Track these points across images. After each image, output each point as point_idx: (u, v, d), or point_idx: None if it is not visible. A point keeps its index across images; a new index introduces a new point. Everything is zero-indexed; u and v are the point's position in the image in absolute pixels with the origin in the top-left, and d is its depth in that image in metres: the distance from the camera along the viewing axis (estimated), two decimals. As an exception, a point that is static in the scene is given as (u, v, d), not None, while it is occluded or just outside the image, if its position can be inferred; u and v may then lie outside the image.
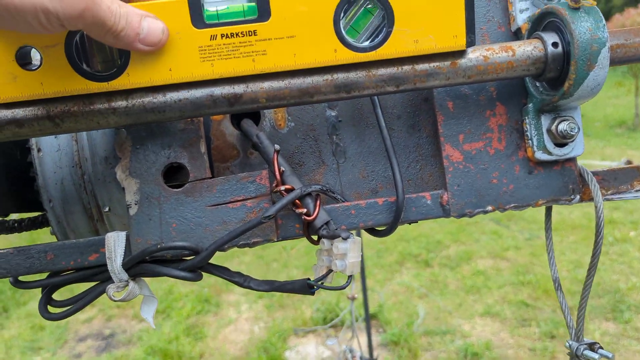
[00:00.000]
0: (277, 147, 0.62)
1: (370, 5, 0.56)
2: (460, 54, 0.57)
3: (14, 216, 0.74)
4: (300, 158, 0.69)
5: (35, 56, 0.53)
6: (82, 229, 0.71)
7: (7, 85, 0.52)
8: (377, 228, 0.66)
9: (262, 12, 0.54)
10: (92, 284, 0.64)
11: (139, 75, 0.53)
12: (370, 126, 0.69)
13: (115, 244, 0.61)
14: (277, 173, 0.62)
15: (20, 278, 0.63)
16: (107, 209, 0.70)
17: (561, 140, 0.62)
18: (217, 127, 0.68)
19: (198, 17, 0.53)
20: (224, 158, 0.69)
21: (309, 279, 0.63)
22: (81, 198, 0.69)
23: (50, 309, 0.64)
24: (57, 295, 0.66)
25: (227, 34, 0.53)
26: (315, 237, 0.64)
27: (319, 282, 0.62)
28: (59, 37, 0.51)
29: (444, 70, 0.57)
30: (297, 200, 0.61)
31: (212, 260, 0.62)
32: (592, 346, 0.69)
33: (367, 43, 0.56)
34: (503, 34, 0.65)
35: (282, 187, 0.61)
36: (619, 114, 9.99)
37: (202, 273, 0.63)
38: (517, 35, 0.65)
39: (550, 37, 0.58)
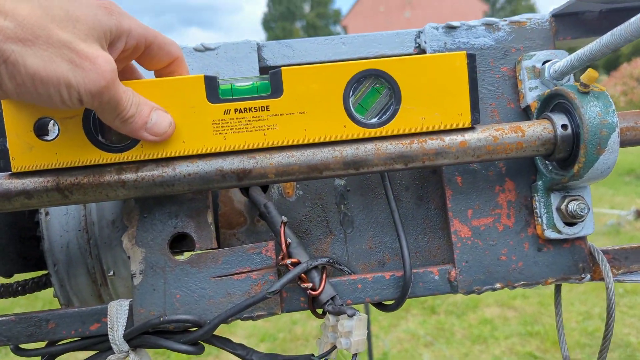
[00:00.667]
0: (284, 218, 0.62)
1: (377, 85, 0.57)
2: (469, 133, 0.58)
3: (17, 277, 0.74)
4: (308, 226, 0.69)
5: (52, 128, 0.54)
6: (85, 292, 0.70)
7: (23, 155, 0.53)
8: (384, 303, 0.65)
9: (275, 88, 0.55)
10: (91, 353, 0.63)
11: (152, 147, 0.54)
12: (378, 196, 0.69)
13: (117, 314, 0.60)
14: (283, 245, 0.61)
15: (21, 345, 0.62)
16: (111, 273, 0.69)
17: (571, 220, 0.61)
18: (225, 194, 0.68)
19: (213, 92, 0.54)
20: (231, 225, 0.68)
21: (312, 355, 0.61)
22: (86, 262, 0.68)
23: (49, 377, 0.63)
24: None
25: (240, 109, 0.55)
26: (319, 311, 0.63)
27: (323, 359, 0.61)
28: (78, 110, 0.52)
29: (452, 149, 0.57)
30: (302, 274, 0.61)
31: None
32: None
33: (375, 120, 0.57)
34: (512, 110, 0.66)
35: (288, 261, 0.61)
36: (628, 162, 9.98)
37: (204, 345, 0.62)
38: (526, 112, 0.65)
39: (560, 119, 0.58)
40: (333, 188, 0.69)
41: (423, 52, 0.67)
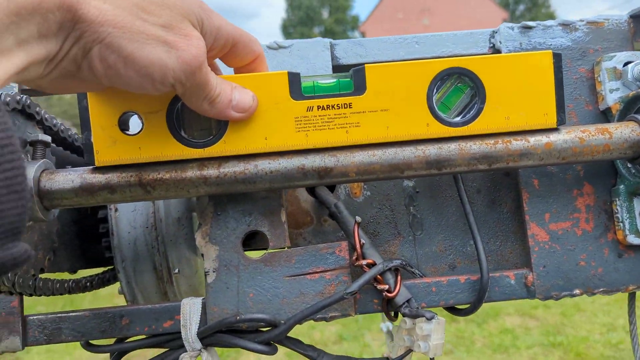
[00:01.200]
0: (358, 219, 0.61)
1: (460, 84, 0.56)
2: (554, 134, 0.56)
3: (81, 273, 0.74)
4: (375, 228, 0.68)
5: (133, 123, 0.54)
6: (150, 290, 0.70)
7: (107, 149, 0.52)
8: (458, 307, 0.64)
9: (358, 86, 0.54)
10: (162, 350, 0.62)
11: (235, 143, 0.54)
12: (449, 198, 0.67)
13: (191, 312, 0.59)
14: (357, 246, 0.60)
15: (92, 341, 0.62)
16: (176, 271, 0.69)
17: (655, 226, 0.60)
18: (291, 193, 0.68)
19: (296, 89, 0.54)
20: (297, 224, 0.68)
21: (387, 358, 0.60)
22: (153, 259, 0.68)
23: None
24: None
25: (323, 106, 0.54)
26: (392, 314, 0.62)
27: (398, 363, 0.59)
28: (162, 104, 0.52)
29: (538, 151, 0.56)
30: (378, 276, 0.60)
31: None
32: None
33: (458, 118, 0.56)
34: (590, 112, 0.64)
35: (364, 262, 0.60)
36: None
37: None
38: (605, 114, 0.64)
39: (648, 121, 0.56)
40: (402, 189, 0.68)
41: (498, 52, 0.66)
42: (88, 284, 0.69)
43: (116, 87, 0.51)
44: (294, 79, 0.54)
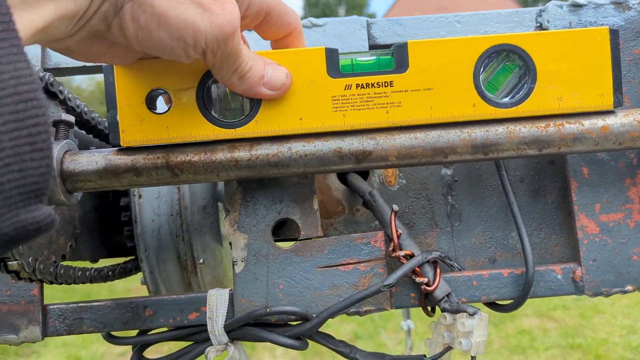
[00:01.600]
0: (395, 207, 0.58)
1: (508, 62, 0.52)
2: (610, 117, 0.52)
3: (102, 262, 0.71)
4: (411, 218, 0.64)
5: (161, 102, 0.51)
6: (173, 280, 0.67)
7: (133, 128, 0.50)
8: (499, 302, 0.60)
9: (400, 63, 0.51)
10: (186, 343, 0.59)
11: (268, 123, 0.50)
12: (489, 188, 0.63)
13: (217, 303, 0.56)
14: (394, 236, 0.57)
15: (113, 332, 0.59)
16: (201, 261, 0.66)
17: None
18: (322, 181, 0.64)
19: (334, 66, 0.50)
20: (329, 214, 0.64)
21: (424, 355, 0.57)
22: (177, 249, 0.65)
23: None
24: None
25: (362, 84, 0.51)
26: (430, 308, 0.59)
27: (437, 361, 0.56)
28: (193, 81, 0.49)
29: (593, 135, 0.52)
30: (416, 268, 0.56)
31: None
32: None
33: (507, 99, 0.52)
34: (645, 96, 0.60)
35: (402, 253, 0.56)
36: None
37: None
38: (661, 98, 0.59)
39: None
40: (439, 178, 0.64)
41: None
42: (110, 273, 0.66)
43: (145, 61, 0.49)
44: (331, 55, 0.51)
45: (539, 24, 0.62)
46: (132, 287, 4.43)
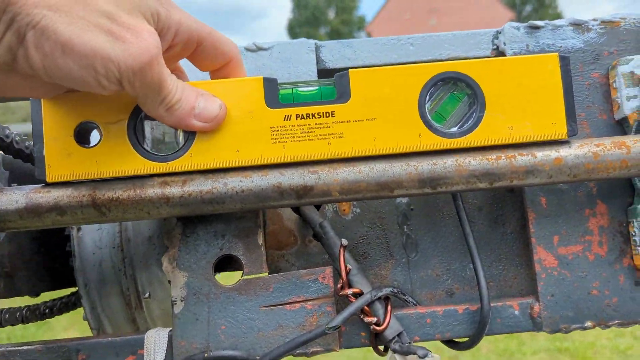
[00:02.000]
0: (344, 241, 0.55)
1: (456, 91, 0.50)
2: (564, 148, 0.50)
3: (43, 296, 0.68)
4: (365, 249, 0.61)
5: (93, 136, 0.48)
6: (117, 316, 0.64)
7: (60, 162, 0.47)
8: (455, 340, 0.57)
9: (341, 93, 0.48)
10: (126, 386, 0.56)
11: (203, 156, 0.48)
12: (446, 217, 0.61)
13: (155, 345, 0.53)
14: (343, 273, 0.54)
15: (47, 377, 0.55)
16: (147, 295, 0.63)
17: (679, 251, 0.53)
18: (274, 211, 0.61)
19: (272, 96, 0.48)
20: (280, 245, 0.61)
21: (375, 398, 0.54)
22: (120, 283, 0.62)
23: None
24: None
25: (302, 115, 0.48)
26: (382, 348, 0.56)
27: (388, 405, 0.53)
28: (123, 113, 0.46)
29: (546, 167, 0.49)
30: (365, 307, 0.53)
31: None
32: None
33: (455, 129, 0.50)
34: (604, 122, 0.58)
35: (349, 291, 0.53)
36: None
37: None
38: (621, 125, 0.57)
39: (672, 134, 0.50)
40: (395, 207, 0.61)
41: (502, 54, 0.59)
42: (47, 310, 0.62)
43: (73, 93, 0.46)
44: (269, 85, 0.48)
45: (495, 47, 0.60)
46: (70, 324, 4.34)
